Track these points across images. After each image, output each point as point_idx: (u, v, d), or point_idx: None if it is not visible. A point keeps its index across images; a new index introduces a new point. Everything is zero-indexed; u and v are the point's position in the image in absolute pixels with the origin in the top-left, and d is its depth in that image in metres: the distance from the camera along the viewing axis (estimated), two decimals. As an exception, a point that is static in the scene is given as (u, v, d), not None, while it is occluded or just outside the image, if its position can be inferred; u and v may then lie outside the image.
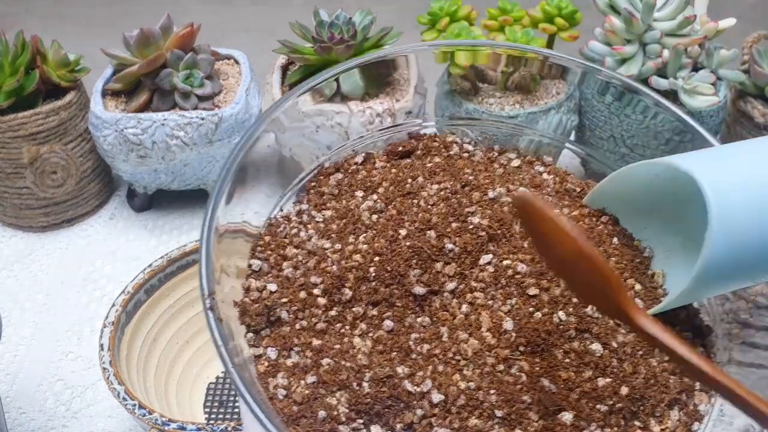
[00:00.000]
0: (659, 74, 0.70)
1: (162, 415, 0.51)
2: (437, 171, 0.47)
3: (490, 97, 0.72)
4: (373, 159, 0.50)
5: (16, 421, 0.62)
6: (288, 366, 0.38)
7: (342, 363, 0.38)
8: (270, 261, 0.43)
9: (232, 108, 0.73)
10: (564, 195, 0.47)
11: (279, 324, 0.40)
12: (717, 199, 0.35)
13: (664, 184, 0.41)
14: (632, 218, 0.46)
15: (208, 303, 0.36)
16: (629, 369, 0.38)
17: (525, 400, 0.36)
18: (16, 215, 0.78)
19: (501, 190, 0.45)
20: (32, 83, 0.71)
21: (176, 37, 0.74)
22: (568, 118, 0.71)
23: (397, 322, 0.40)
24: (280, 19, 0.91)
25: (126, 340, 0.59)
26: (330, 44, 0.70)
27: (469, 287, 0.40)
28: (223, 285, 0.39)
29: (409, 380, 0.37)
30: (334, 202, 0.46)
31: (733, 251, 0.36)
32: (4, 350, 0.68)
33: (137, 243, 0.79)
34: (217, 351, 0.35)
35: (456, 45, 0.64)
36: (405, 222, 0.43)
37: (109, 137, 0.72)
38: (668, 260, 0.44)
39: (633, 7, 0.68)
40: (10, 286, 0.74)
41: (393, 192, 0.45)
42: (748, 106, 0.74)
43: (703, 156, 0.39)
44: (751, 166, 0.37)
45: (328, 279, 0.41)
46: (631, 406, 0.37)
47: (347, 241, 0.43)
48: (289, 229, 0.45)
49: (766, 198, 0.35)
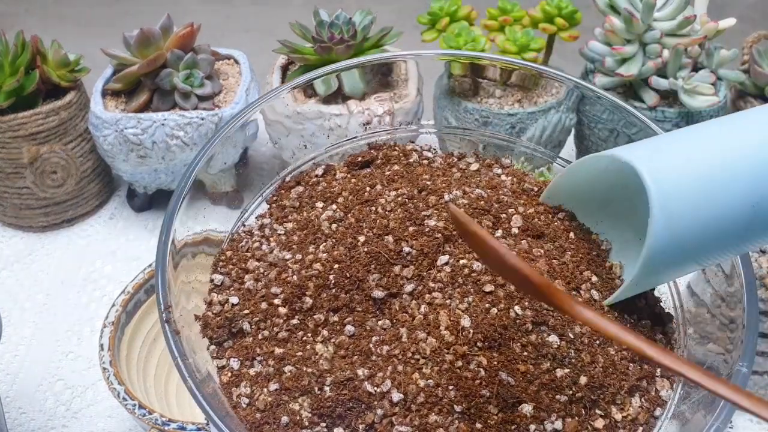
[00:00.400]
0: (659, 74, 0.70)
1: (162, 415, 0.51)
2: (395, 178, 0.48)
3: (489, 97, 0.72)
4: (333, 171, 0.51)
5: (16, 421, 0.62)
6: (251, 375, 0.39)
7: (304, 369, 0.38)
8: (231, 275, 0.44)
9: (232, 108, 0.73)
10: (521, 194, 0.48)
11: (241, 335, 0.41)
12: (657, 187, 0.36)
13: (614, 177, 0.41)
14: (589, 212, 0.46)
15: (164, 316, 0.37)
16: (587, 358, 0.38)
17: (484, 394, 0.37)
18: (16, 215, 0.78)
19: (457, 192, 0.46)
20: (32, 83, 0.72)
21: (176, 37, 0.74)
22: (567, 116, 0.71)
23: (358, 327, 0.40)
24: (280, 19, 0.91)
25: (126, 340, 0.59)
26: (330, 44, 0.70)
27: (427, 288, 0.41)
28: (186, 301, 0.40)
29: (369, 381, 0.38)
30: (295, 214, 0.47)
31: (677, 236, 0.36)
32: (4, 350, 0.68)
33: (137, 243, 0.79)
34: (174, 363, 0.36)
35: (455, 55, 0.65)
36: (363, 229, 0.44)
37: (109, 137, 0.72)
38: (625, 251, 0.44)
39: (633, 7, 0.68)
40: (10, 286, 0.74)
41: (352, 201, 0.46)
42: (748, 106, 0.74)
43: (644, 145, 0.40)
44: (689, 150, 0.37)
45: (288, 288, 0.41)
46: (591, 395, 0.38)
47: (307, 251, 0.43)
48: (251, 243, 0.46)
49: (705, 180, 0.36)
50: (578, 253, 0.44)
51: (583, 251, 0.44)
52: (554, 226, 0.45)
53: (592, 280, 0.42)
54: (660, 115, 0.70)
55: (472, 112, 0.70)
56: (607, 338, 0.34)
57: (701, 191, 0.36)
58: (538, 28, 0.74)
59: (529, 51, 0.72)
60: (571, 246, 0.44)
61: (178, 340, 0.37)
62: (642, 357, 0.31)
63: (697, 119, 0.70)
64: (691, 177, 0.36)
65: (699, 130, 0.39)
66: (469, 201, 0.45)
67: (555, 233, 0.45)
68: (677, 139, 0.39)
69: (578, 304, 0.32)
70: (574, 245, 0.44)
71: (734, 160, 0.36)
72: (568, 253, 0.44)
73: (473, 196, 0.45)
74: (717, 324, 0.42)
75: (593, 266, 0.44)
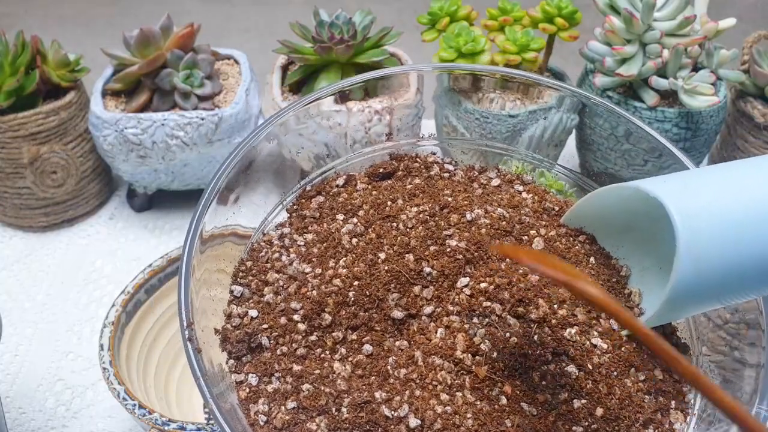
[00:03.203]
0: (659, 74, 0.70)
1: (162, 415, 0.51)
2: (417, 193, 0.48)
3: (490, 92, 0.72)
4: (354, 181, 0.50)
5: (16, 421, 0.62)
6: (269, 392, 0.39)
7: (321, 388, 0.38)
8: (251, 287, 0.44)
9: (232, 108, 0.73)
10: (542, 214, 0.48)
11: (260, 350, 0.41)
12: (684, 225, 0.36)
13: (638, 204, 0.41)
14: (609, 237, 0.46)
15: (186, 334, 0.37)
16: (604, 390, 0.38)
17: (505, 424, 0.37)
18: (16, 215, 0.78)
19: (479, 211, 0.46)
20: (32, 83, 0.72)
21: (176, 37, 0.74)
22: (568, 116, 0.71)
23: (376, 346, 0.40)
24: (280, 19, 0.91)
25: (126, 340, 0.59)
26: (330, 44, 0.70)
27: (445, 311, 0.41)
28: (205, 313, 0.40)
29: (387, 405, 0.37)
30: (315, 225, 0.47)
31: (701, 275, 0.36)
32: (4, 350, 0.68)
33: (137, 243, 0.79)
34: (196, 382, 0.35)
35: (457, 68, 0.65)
36: (384, 245, 0.43)
37: (109, 137, 0.72)
38: (644, 279, 0.44)
39: (633, 7, 0.68)
40: (10, 286, 0.74)
41: (373, 215, 0.46)
42: (748, 106, 0.74)
43: (673, 180, 0.39)
44: (719, 191, 0.37)
45: (308, 304, 0.41)
46: (606, 427, 0.37)
47: (327, 265, 0.43)
48: (271, 254, 0.45)
49: (733, 223, 0.36)
50: (598, 279, 0.44)
51: (603, 278, 0.44)
52: (575, 251, 0.45)
53: None
54: (660, 115, 0.70)
55: (472, 112, 0.70)
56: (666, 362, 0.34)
57: (729, 233, 0.36)
58: (538, 28, 0.74)
59: (529, 51, 0.72)
60: (591, 272, 0.44)
61: (200, 359, 0.36)
62: (694, 386, 0.31)
63: (697, 119, 0.70)
64: (720, 218, 0.36)
65: (730, 170, 0.38)
66: (491, 221, 0.45)
67: (576, 258, 0.45)
68: (707, 177, 0.38)
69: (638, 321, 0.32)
70: (595, 271, 0.44)
71: (764, 204, 0.36)
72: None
73: (495, 216, 0.45)
74: (711, 326, 0.42)
75: (612, 293, 0.43)
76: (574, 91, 0.52)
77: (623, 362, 0.40)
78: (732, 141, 0.78)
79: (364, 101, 0.68)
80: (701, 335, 0.43)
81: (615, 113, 0.49)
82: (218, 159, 0.75)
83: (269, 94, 0.74)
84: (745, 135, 0.75)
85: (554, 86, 0.53)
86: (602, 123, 0.72)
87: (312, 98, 0.50)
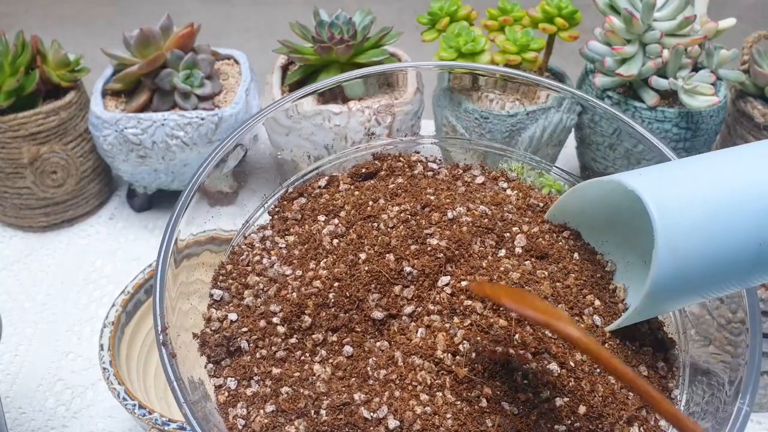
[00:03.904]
0: (659, 74, 0.70)
1: (162, 415, 0.51)
2: (399, 192, 0.47)
3: (490, 92, 0.72)
4: (336, 182, 0.50)
5: (16, 421, 0.62)
6: (248, 395, 0.39)
7: (301, 391, 0.38)
8: (231, 290, 0.43)
9: (232, 108, 0.73)
10: (526, 211, 0.47)
11: (239, 354, 0.41)
12: (662, 216, 0.35)
13: (621, 199, 0.41)
14: (594, 231, 0.46)
15: (161, 338, 0.37)
16: (587, 387, 0.38)
17: (486, 424, 0.36)
18: (16, 215, 0.78)
19: (461, 209, 0.45)
20: (32, 83, 0.72)
21: (176, 37, 0.74)
22: (568, 116, 0.71)
23: (356, 347, 0.40)
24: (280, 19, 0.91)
25: (126, 340, 0.59)
26: (330, 44, 0.70)
27: (426, 310, 0.40)
28: (184, 316, 0.40)
29: (366, 407, 0.37)
30: (297, 227, 0.47)
31: (682, 269, 0.36)
32: (4, 350, 0.68)
33: (137, 243, 0.79)
34: (170, 386, 0.35)
35: (454, 66, 0.65)
36: (365, 246, 0.43)
37: (109, 137, 0.72)
38: (629, 274, 0.44)
39: (633, 7, 0.68)
40: (10, 286, 0.74)
41: (354, 215, 0.46)
42: (748, 106, 0.74)
43: (652, 172, 0.39)
44: (697, 182, 0.37)
45: (287, 307, 0.41)
46: (590, 425, 0.37)
47: (308, 266, 0.43)
48: (252, 257, 0.45)
49: (711, 214, 0.35)
50: (582, 276, 0.43)
51: (587, 273, 0.44)
52: (558, 246, 0.45)
53: (594, 304, 0.42)
54: (660, 115, 0.70)
55: (472, 112, 0.70)
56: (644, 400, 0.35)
57: (708, 226, 0.35)
58: (538, 28, 0.73)
59: (529, 51, 0.72)
60: (575, 267, 0.44)
61: (174, 364, 0.36)
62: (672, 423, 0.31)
63: (697, 119, 0.70)
64: (698, 211, 0.35)
65: (709, 161, 0.38)
66: (473, 219, 0.44)
67: (559, 254, 0.44)
68: (686, 169, 0.38)
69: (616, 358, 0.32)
70: (578, 267, 0.44)
71: (743, 197, 0.35)
72: (572, 276, 0.43)
73: (477, 213, 0.45)
74: (715, 325, 0.42)
75: (597, 289, 0.43)
76: (574, 93, 0.52)
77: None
78: (732, 141, 0.78)
79: (363, 101, 0.68)
80: (708, 334, 0.43)
81: (613, 116, 0.49)
82: (218, 159, 0.75)
83: (269, 94, 0.74)
84: (745, 135, 0.75)
85: (553, 87, 0.53)
86: (602, 124, 0.72)
87: (306, 92, 0.50)
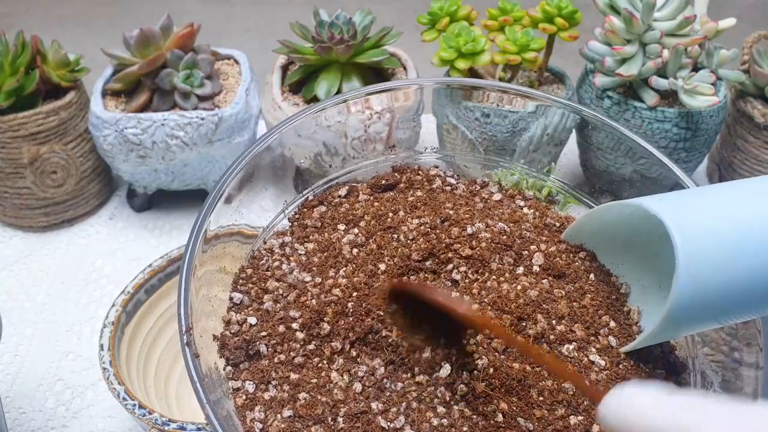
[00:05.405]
0: (659, 74, 0.70)
1: (162, 415, 0.51)
2: (418, 205, 0.48)
3: (490, 94, 0.71)
4: (356, 192, 0.50)
5: (16, 421, 0.62)
6: (265, 399, 0.39)
7: (318, 397, 0.38)
8: (251, 294, 0.44)
9: (232, 108, 0.73)
10: (543, 229, 0.48)
11: (258, 357, 0.41)
12: (684, 243, 0.35)
13: (639, 222, 0.41)
14: (610, 254, 0.46)
15: (185, 339, 0.37)
16: None
17: None
18: (16, 215, 0.78)
19: (480, 225, 0.46)
20: (32, 83, 0.71)
21: (176, 37, 0.74)
22: (568, 116, 0.71)
23: (373, 359, 0.40)
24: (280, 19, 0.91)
25: (126, 340, 0.59)
26: (330, 44, 0.70)
27: None
28: (204, 318, 0.40)
29: (383, 416, 0.37)
30: (316, 234, 0.47)
31: (701, 296, 0.36)
32: (4, 350, 0.68)
33: (137, 243, 0.79)
34: (193, 387, 0.35)
35: (456, 83, 0.66)
36: (384, 257, 0.43)
37: (109, 137, 0.72)
38: (644, 296, 0.44)
39: (633, 7, 0.68)
40: (10, 286, 0.74)
41: (374, 226, 0.46)
42: (748, 106, 0.74)
43: (675, 198, 0.39)
44: (719, 210, 0.37)
45: (307, 313, 0.41)
46: None
47: (327, 274, 0.43)
48: (271, 262, 0.45)
49: (732, 243, 0.36)
50: (598, 297, 0.44)
51: (603, 294, 0.44)
52: (575, 267, 0.45)
53: (610, 325, 0.42)
54: (660, 115, 0.70)
55: (473, 110, 0.70)
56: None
57: (729, 254, 0.36)
58: (538, 28, 0.73)
59: (529, 51, 0.72)
60: (591, 288, 0.44)
61: (198, 364, 0.36)
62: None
63: (697, 119, 0.70)
64: (719, 239, 0.36)
65: (732, 190, 0.38)
66: (492, 235, 0.45)
67: (576, 274, 0.45)
68: (708, 197, 0.38)
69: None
70: (594, 287, 0.44)
71: (763, 227, 0.36)
72: (588, 296, 0.43)
73: (496, 230, 0.45)
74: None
75: (612, 311, 0.43)
76: (572, 106, 0.52)
77: (621, 379, 0.40)
78: (732, 141, 0.78)
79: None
80: (704, 336, 0.43)
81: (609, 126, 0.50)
82: (218, 159, 0.75)
83: (269, 94, 0.74)
84: (745, 135, 0.75)
85: (548, 100, 0.53)
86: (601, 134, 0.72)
87: (319, 107, 0.51)
